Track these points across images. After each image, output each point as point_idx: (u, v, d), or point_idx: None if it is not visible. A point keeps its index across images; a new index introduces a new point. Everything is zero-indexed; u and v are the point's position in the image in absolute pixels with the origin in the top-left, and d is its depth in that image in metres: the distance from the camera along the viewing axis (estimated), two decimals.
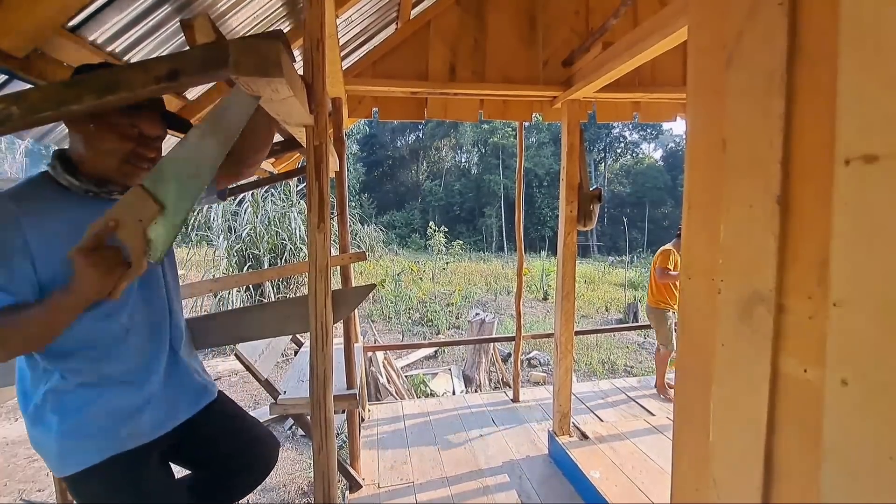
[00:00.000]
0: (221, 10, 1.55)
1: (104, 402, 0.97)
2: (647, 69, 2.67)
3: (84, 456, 0.95)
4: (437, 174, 30.08)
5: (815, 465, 0.69)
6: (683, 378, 1.11)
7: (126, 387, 1.00)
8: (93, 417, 0.95)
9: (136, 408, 1.01)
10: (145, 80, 0.77)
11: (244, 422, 1.27)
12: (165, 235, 0.81)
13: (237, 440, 1.23)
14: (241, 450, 1.23)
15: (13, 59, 0.96)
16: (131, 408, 1.00)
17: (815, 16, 0.74)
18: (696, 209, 1.07)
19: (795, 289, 0.77)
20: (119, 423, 0.98)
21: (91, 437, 0.95)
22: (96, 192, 0.95)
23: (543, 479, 2.60)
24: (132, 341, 1.00)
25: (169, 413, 1.08)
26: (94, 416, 0.95)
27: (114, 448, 0.97)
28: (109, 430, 0.97)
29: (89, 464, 0.95)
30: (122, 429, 0.98)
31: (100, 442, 0.96)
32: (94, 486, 0.97)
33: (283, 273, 3.23)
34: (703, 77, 1.05)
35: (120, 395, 0.99)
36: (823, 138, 0.71)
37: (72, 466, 0.95)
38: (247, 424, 1.27)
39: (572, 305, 2.72)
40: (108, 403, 0.97)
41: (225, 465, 1.22)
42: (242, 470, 1.24)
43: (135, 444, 1.00)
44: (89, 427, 0.95)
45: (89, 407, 0.95)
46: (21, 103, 0.75)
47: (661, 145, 33.48)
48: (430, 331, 7.99)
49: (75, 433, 0.94)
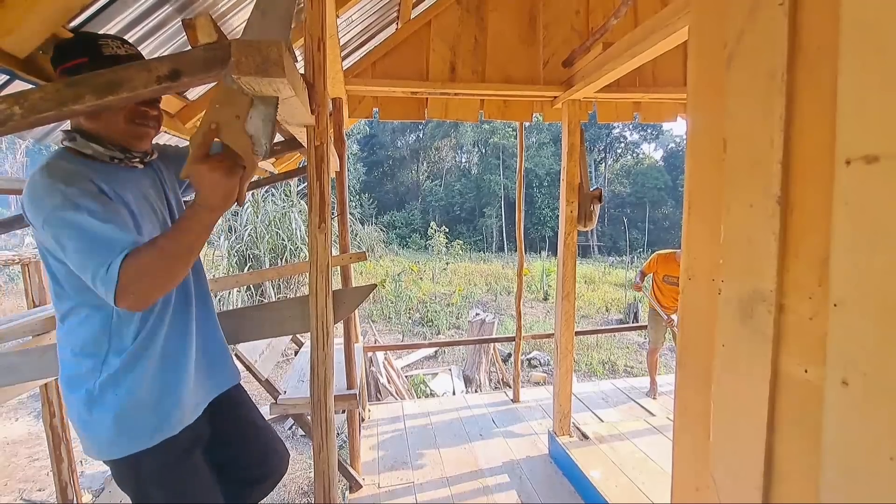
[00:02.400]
0: (223, 9, 1.55)
1: (156, 379, 0.99)
2: (647, 69, 2.67)
3: (137, 440, 0.96)
4: (438, 174, 30.06)
5: (814, 465, 0.69)
6: (683, 378, 1.11)
7: (172, 360, 1.02)
8: (146, 395, 0.97)
9: (181, 383, 1.03)
10: (147, 80, 0.78)
11: (262, 432, 1.27)
12: (264, 127, 0.82)
13: (255, 451, 1.23)
14: (258, 463, 1.24)
15: (14, 59, 0.96)
16: (178, 384, 1.02)
17: (816, 16, 0.74)
18: (696, 209, 1.07)
19: (795, 289, 0.77)
20: (168, 402, 1.00)
21: (145, 418, 0.97)
22: (121, 158, 0.96)
23: (543, 479, 2.60)
24: (174, 309, 1.03)
25: (204, 389, 1.11)
26: (148, 393, 0.97)
27: (165, 432, 0.99)
28: (161, 410, 0.99)
29: (141, 448, 0.96)
30: (173, 409, 1.00)
31: (153, 424, 0.98)
32: (143, 470, 0.99)
33: (283, 273, 3.23)
34: (704, 77, 1.05)
35: (168, 371, 1.01)
36: (824, 138, 0.71)
37: (122, 450, 0.96)
38: (266, 435, 1.27)
39: (572, 306, 2.72)
40: (159, 380, 0.99)
41: (239, 476, 1.22)
42: (255, 482, 1.25)
43: (181, 427, 1.02)
44: (144, 408, 0.97)
45: (142, 386, 0.97)
46: (22, 103, 0.75)
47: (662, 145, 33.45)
48: (430, 331, 7.98)
49: (131, 415, 0.95)
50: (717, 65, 0.95)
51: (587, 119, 2.87)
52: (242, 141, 0.81)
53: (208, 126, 0.79)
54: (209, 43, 0.87)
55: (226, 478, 1.19)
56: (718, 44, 0.94)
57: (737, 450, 0.88)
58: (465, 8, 2.59)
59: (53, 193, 0.82)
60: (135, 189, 0.98)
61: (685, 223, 1.10)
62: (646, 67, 2.58)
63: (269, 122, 0.82)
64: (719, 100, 0.93)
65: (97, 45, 0.91)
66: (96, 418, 0.94)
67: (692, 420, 1.07)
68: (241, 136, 0.81)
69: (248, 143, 0.81)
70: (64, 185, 0.83)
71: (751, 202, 0.83)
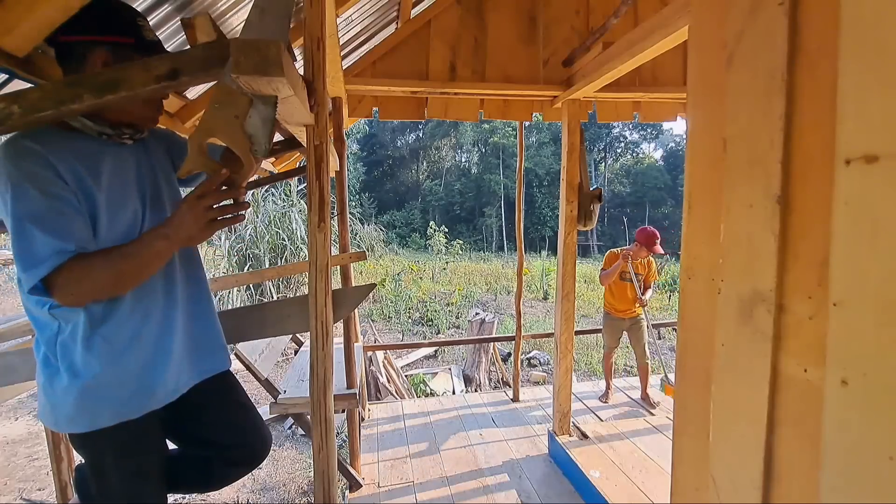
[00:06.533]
0: (222, 9, 1.55)
1: (124, 361, 0.95)
2: (647, 69, 2.67)
3: (96, 420, 0.94)
4: (438, 174, 30.06)
5: (814, 465, 0.69)
6: (683, 378, 1.11)
7: (144, 343, 0.98)
8: (111, 377, 0.93)
9: (154, 368, 1.00)
10: (146, 79, 0.77)
11: (250, 413, 1.25)
12: (263, 127, 0.82)
13: (240, 431, 1.22)
14: (242, 443, 1.22)
15: (14, 58, 0.96)
16: (151, 369, 0.99)
17: (816, 16, 0.74)
18: (696, 209, 1.07)
19: (795, 289, 0.77)
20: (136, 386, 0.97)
21: (107, 400, 0.94)
22: (110, 133, 0.94)
23: (543, 479, 2.60)
24: (152, 293, 1.00)
25: (186, 374, 1.08)
26: (113, 375, 0.94)
27: (125, 416, 0.96)
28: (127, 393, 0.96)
29: (100, 426, 0.94)
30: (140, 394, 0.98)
31: (115, 406, 0.95)
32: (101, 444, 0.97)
33: (283, 273, 3.23)
34: (704, 77, 1.05)
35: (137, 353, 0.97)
36: (824, 138, 0.71)
37: (79, 427, 0.94)
38: (253, 417, 1.26)
39: (572, 305, 2.72)
40: (127, 362, 0.96)
41: (221, 453, 1.20)
42: (236, 462, 1.23)
43: (145, 412, 0.99)
44: (107, 389, 0.93)
45: (107, 367, 0.93)
46: (21, 102, 0.75)
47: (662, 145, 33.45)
48: (430, 330, 7.99)
49: (92, 395, 0.92)
50: (717, 65, 0.95)
51: (587, 118, 2.87)
52: (241, 141, 0.81)
53: (205, 130, 0.79)
54: (208, 42, 0.87)
55: (210, 456, 1.19)
56: (718, 44, 0.94)
57: (736, 450, 0.88)
58: (465, 8, 2.59)
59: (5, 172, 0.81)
60: (115, 165, 0.95)
61: (685, 223, 1.10)
62: (646, 67, 2.58)
63: (269, 122, 0.82)
64: (719, 100, 0.93)
65: (139, 27, 0.91)
66: (58, 392, 0.92)
67: (692, 420, 1.07)
68: (239, 136, 0.81)
69: (246, 143, 0.81)
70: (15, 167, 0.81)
71: (751, 202, 0.83)
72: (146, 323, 0.99)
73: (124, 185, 0.97)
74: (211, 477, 1.22)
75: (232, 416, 1.21)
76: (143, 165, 1.03)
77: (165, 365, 1.02)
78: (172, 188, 1.11)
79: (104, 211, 0.91)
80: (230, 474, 1.25)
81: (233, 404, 1.22)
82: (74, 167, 0.86)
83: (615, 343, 3.65)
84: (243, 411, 1.23)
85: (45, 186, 0.82)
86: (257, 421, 1.26)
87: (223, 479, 1.25)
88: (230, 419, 1.21)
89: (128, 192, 0.97)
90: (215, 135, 0.80)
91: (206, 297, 1.17)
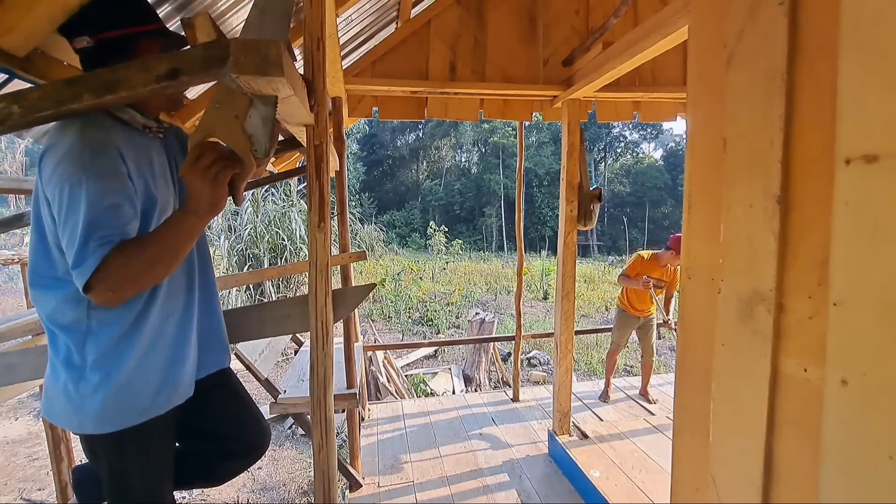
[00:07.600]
0: (222, 8, 1.55)
1: (151, 358, 0.96)
2: (647, 69, 2.67)
3: (125, 418, 0.94)
4: (437, 174, 30.06)
5: (814, 465, 0.69)
6: (683, 378, 1.11)
7: (170, 340, 1.00)
8: (138, 375, 0.94)
9: (179, 364, 1.01)
10: (146, 79, 0.77)
11: (249, 405, 1.26)
12: (263, 127, 0.82)
13: (239, 422, 1.22)
14: (240, 434, 1.22)
15: (14, 58, 0.96)
16: (175, 365, 1.00)
17: (816, 16, 0.74)
18: (696, 209, 1.07)
19: (795, 289, 0.77)
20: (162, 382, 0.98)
21: (136, 397, 0.94)
22: (152, 127, 0.98)
23: (543, 479, 2.60)
24: (175, 289, 1.01)
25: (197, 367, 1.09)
26: (140, 373, 0.94)
27: (154, 411, 0.97)
28: (155, 389, 0.97)
29: (129, 425, 0.94)
30: (166, 389, 0.99)
31: (144, 402, 0.95)
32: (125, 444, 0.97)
33: (283, 273, 3.23)
34: (704, 76, 1.05)
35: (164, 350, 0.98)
36: (823, 138, 0.71)
37: (107, 427, 0.93)
38: (252, 409, 1.27)
39: (572, 305, 2.72)
40: (155, 359, 0.97)
41: (220, 445, 1.21)
42: (235, 454, 1.23)
43: (171, 407, 1.00)
44: (136, 387, 0.94)
45: (134, 365, 0.93)
46: (21, 102, 0.75)
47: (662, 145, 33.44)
48: (430, 330, 7.98)
49: (121, 395, 0.92)
50: (716, 65, 0.95)
51: (587, 118, 2.87)
52: (241, 140, 0.81)
53: (205, 130, 0.79)
54: (208, 42, 0.87)
55: (210, 449, 1.20)
56: (718, 44, 0.94)
57: (736, 449, 0.88)
58: (464, 7, 2.59)
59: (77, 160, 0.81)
60: (153, 157, 0.98)
61: (685, 223, 1.10)
62: (645, 67, 2.58)
63: (269, 122, 0.82)
64: (719, 100, 0.93)
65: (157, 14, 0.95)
66: (84, 393, 0.91)
67: (692, 419, 1.07)
68: (239, 136, 0.81)
69: (246, 143, 0.81)
70: (91, 158, 0.82)
71: (750, 202, 0.83)
72: (171, 318, 1.00)
73: (165, 180, 1.00)
74: (210, 471, 1.23)
75: (231, 407, 1.22)
76: (171, 160, 1.06)
77: (186, 359, 1.03)
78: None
79: (157, 206, 0.95)
80: (229, 468, 1.25)
81: (232, 396, 1.23)
82: (131, 158, 0.89)
83: (624, 341, 3.65)
84: (242, 403, 1.24)
85: (113, 185, 0.84)
86: (256, 413, 1.26)
87: (223, 473, 1.25)
88: (229, 410, 1.21)
89: (168, 186, 1.01)
90: (215, 134, 0.80)
91: (215, 292, 1.19)
